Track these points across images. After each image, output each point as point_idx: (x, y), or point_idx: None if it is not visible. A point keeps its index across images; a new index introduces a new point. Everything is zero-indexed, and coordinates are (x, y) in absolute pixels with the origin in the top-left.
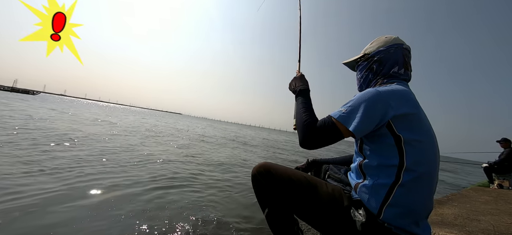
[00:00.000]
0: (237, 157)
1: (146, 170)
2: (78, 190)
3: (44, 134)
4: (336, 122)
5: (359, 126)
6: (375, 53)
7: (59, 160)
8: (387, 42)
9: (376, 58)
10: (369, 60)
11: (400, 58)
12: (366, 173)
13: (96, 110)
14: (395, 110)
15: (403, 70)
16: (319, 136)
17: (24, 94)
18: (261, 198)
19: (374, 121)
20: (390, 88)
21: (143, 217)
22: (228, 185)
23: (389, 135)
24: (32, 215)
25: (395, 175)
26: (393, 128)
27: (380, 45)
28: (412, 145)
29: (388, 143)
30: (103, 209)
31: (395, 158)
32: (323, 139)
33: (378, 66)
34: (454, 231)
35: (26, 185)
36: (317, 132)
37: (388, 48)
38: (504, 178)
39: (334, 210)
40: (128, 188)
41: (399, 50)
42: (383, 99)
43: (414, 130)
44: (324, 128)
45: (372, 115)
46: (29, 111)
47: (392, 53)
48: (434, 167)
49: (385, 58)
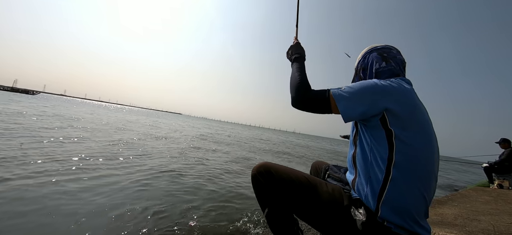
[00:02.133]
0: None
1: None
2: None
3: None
4: (330, 96)
5: (347, 105)
6: (358, 65)
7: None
8: (362, 53)
9: (359, 67)
10: (356, 73)
11: (376, 57)
12: (358, 166)
13: (125, 116)
14: (389, 102)
15: (384, 64)
16: (310, 99)
17: (24, 94)
18: (261, 198)
19: (362, 105)
20: (390, 82)
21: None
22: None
23: (381, 127)
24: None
25: (385, 170)
26: (386, 122)
27: (359, 58)
28: (403, 141)
29: (380, 136)
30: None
31: (385, 152)
32: (313, 103)
33: (364, 72)
34: (454, 231)
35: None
36: (310, 94)
37: (364, 55)
38: (504, 178)
39: (335, 210)
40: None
41: (374, 52)
42: (378, 88)
43: (408, 126)
44: (317, 95)
45: (361, 99)
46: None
47: (369, 57)
48: (430, 166)
49: (365, 64)
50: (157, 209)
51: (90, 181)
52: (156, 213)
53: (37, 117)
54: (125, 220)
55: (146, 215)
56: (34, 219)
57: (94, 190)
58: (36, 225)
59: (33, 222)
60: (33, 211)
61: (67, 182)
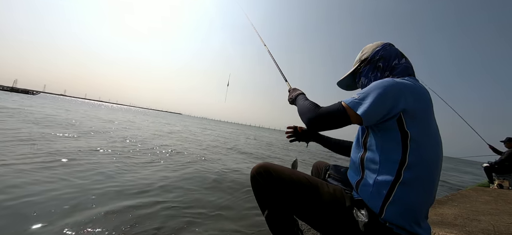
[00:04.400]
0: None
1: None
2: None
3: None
4: (346, 106)
5: (368, 111)
6: (374, 54)
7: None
8: (378, 44)
9: (378, 57)
10: (372, 62)
11: (397, 51)
12: (366, 168)
13: (143, 117)
14: (408, 103)
15: (403, 60)
16: (323, 115)
17: (24, 94)
18: (260, 200)
19: (385, 108)
20: (406, 81)
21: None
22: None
23: (397, 129)
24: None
25: (396, 172)
26: (403, 123)
27: (375, 47)
28: (418, 143)
29: (394, 138)
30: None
31: (398, 154)
32: (328, 118)
33: (384, 62)
34: (454, 231)
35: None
36: (321, 111)
37: (383, 46)
38: (504, 178)
39: (336, 211)
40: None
41: (393, 47)
42: (397, 88)
43: (423, 128)
44: (332, 109)
45: (383, 101)
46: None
47: (389, 49)
48: (436, 167)
49: (386, 54)
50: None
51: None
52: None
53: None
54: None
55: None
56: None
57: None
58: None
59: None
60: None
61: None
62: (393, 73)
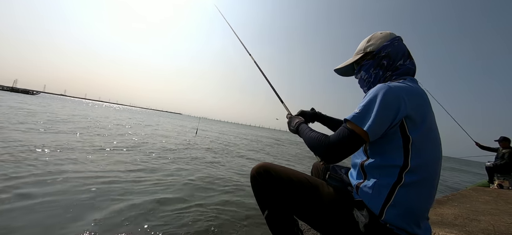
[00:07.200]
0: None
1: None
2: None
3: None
4: (351, 125)
5: (373, 126)
6: (381, 49)
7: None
8: (387, 36)
9: (384, 54)
10: (376, 58)
11: (405, 49)
12: (368, 173)
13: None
14: (409, 109)
15: (409, 61)
16: (338, 147)
17: (24, 94)
18: (260, 200)
19: (389, 119)
20: (401, 84)
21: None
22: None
23: (399, 135)
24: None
25: (397, 175)
26: (405, 128)
27: (383, 40)
28: (419, 147)
29: (396, 144)
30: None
31: (400, 159)
32: (343, 148)
33: (388, 61)
34: (454, 231)
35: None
36: (335, 143)
37: (392, 41)
38: (504, 178)
39: (336, 211)
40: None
41: (401, 42)
42: (396, 95)
43: (424, 130)
44: (342, 135)
45: (386, 113)
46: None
47: (397, 46)
48: (436, 168)
49: (394, 52)
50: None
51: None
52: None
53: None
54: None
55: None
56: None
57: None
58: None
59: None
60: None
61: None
62: (395, 73)
